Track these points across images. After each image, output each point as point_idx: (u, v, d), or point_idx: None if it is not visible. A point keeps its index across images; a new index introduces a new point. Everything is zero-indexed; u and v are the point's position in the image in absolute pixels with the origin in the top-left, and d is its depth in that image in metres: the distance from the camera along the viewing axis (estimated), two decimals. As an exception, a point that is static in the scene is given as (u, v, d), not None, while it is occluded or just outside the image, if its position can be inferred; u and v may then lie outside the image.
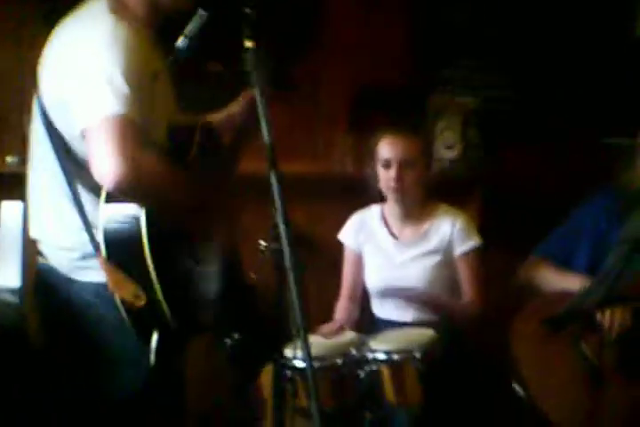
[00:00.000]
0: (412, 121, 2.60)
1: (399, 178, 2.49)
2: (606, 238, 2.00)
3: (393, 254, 2.59)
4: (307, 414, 2.08)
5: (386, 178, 2.52)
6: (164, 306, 1.72)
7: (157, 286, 1.69)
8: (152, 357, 1.76)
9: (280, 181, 1.60)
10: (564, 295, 2.26)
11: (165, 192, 1.72)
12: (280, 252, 1.64)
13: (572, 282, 2.35)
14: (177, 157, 1.79)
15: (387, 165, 2.51)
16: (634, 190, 2.39)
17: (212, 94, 2.09)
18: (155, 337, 1.76)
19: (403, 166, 2.49)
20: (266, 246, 1.81)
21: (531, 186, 3.09)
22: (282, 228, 1.61)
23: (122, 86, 1.63)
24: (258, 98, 1.65)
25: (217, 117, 2.05)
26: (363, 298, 2.68)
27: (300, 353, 2.01)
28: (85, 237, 1.77)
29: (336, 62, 3.08)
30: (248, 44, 1.67)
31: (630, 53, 3.09)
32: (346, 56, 3.09)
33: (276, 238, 1.67)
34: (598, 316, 2.22)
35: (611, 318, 2.24)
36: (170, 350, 1.83)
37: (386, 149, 2.52)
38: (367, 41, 3.10)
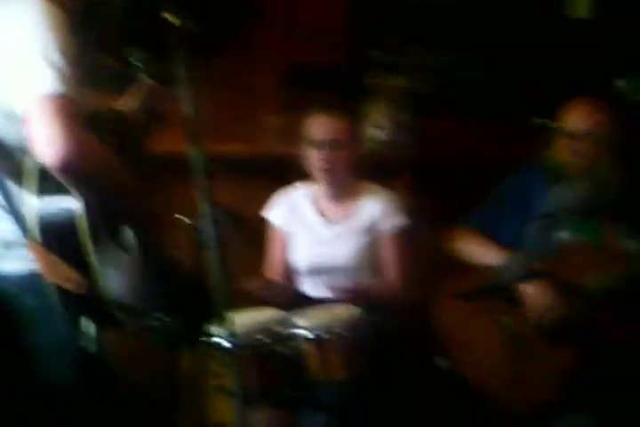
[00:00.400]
0: (342, 102, 2.59)
1: (329, 159, 2.49)
2: (531, 213, 2.05)
3: (320, 233, 2.60)
4: (231, 393, 2.08)
5: (315, 159, 2.52)
6: (103, 291, 1.70)
7: (97, 272, 1.68)
8: (93, 344, 1.75)
9: (202, 157, 1.59)
10: (488, 269, 2.31)
11: (107, 171, 1.70)
12: (203, 229, 1.63)
13: (495, 256, 2.41)
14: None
15: (316, 145, 2.51)
16: (555, 167, 2.46)
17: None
18: (93, 325, 1.75)
19: (332, 147, 2.49)
20: (189, 223, 1.80)
21: (460, 165, 3.13)
22: (204, 205, 1.60)
23: (59, 65, 1.60)
24: (182, 72, 1.63)
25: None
26: (289, 276, 2.69)
27: (224, 332, 2.00)
28: (3, 225, 1.73)
29: (268, 41, 3.06)
30: (171, 19, 1.64)
31: (560, 33, 3.14)
32: (278, 35, 3.06)
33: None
34: (520, 288, 2.28)
35: (530, 293, 2.31)
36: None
37: (316, 129, 2.51)
38: (299, 20, 3.08)
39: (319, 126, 2.51)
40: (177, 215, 2.02)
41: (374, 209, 2.56)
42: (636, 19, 3.05)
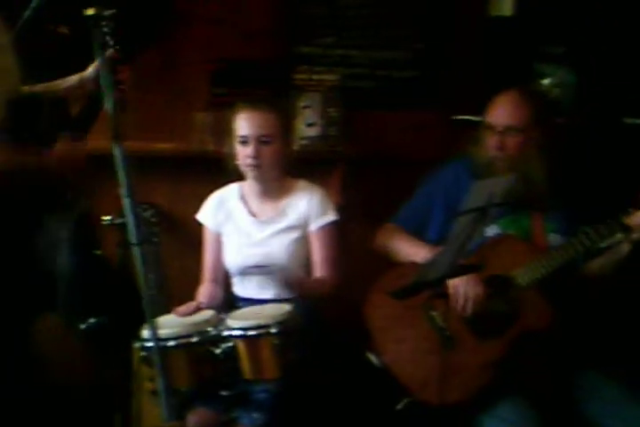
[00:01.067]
0: (269, 97, 2.57)
1: (256, 155, 2.47)
2: (457, 208, 2.06)
3: (252, 232, 2.57)
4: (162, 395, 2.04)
5: (243, 155, 2.50)
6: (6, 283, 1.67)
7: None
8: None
9: (123, 153, 1.56)
10: (417, 267, 2.32)
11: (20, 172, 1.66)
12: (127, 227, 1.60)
13: (422, 253, 2.42)
14: (24, 130, 1.74)
15: (243, 141, 2.49)
16: (480, 162, 2.49)
17: (66, 59, 2.04)
18: None
19: (260, 143, 2.47)
20: (110, 221, 1.76)
21: (391, 161, 3.16)
22: (126, 201, 1.57)
23: None
24: (101, 67, 1.60)
25: (68, 82, 2.01)
26: (226, 278, 2.66)
27: (154, 333, 1.97)
28: None
29: (195, 36, 3.02)
30: (89, 11, 1.61)
31: (484, 33, 3.19)
32: (205, 30, 3.03)
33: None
34: (448, 283, 2.30)
35: (458, 287, 2.33)
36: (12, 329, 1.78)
37: (242, 125, 2.49)
38: (227, 15, 3.05)
39: (245, 122, 2.48)
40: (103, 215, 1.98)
41: (304, 206, 2.55)
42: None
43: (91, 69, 2.07)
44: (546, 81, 3.18)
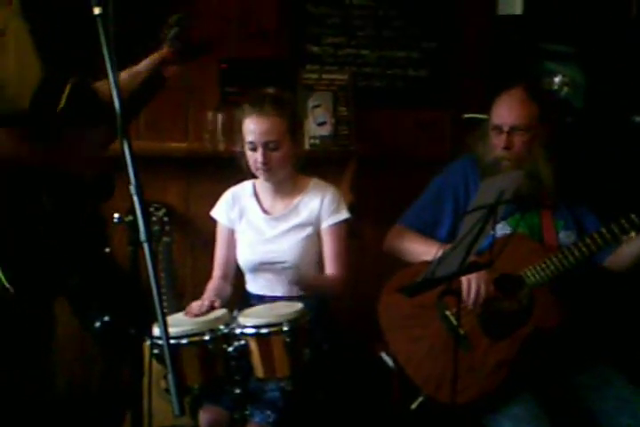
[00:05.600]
0: (276, 97, 2.57)
1: (265, 159, 2.47)
2: (466, 206, 2.05)
3: (264, 229, 2.59)
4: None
5: (253, 159, 2.51)
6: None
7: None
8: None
9: (131, 151, 1.57)
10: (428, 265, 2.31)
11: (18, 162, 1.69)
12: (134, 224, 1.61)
13: (434, 250, 2.39)
14: (44, 109, 1.77)
15: (252, 147, 2.50)
16: (486, 161, 2.48)
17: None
18: None
19: (268, 147, 2.47)
20: (119, 219, 1.77)
21: (401, 160, 3.17)
22: (135, 198, 1.58)
23: None
24: (108, 67, 1.61)
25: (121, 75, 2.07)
26: (236, 276, 2.67)
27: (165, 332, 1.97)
28: None
29: (205, 35, 3.03)
30: (96, 10, 1.62)
31: (493, 31, 3.19)
32: (216, 28, 3.03)
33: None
34: (459, 281, 2.29)
35: (470, 285, 2.33)
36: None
37: (249, 131, 2.48)
38: (237, 14, 3.06)
39: (253, 127, 2.47)
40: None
41: (316, 203, 2.55)
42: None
43: (142, 64, 2.18)
44: (557, 79, 3.17)
